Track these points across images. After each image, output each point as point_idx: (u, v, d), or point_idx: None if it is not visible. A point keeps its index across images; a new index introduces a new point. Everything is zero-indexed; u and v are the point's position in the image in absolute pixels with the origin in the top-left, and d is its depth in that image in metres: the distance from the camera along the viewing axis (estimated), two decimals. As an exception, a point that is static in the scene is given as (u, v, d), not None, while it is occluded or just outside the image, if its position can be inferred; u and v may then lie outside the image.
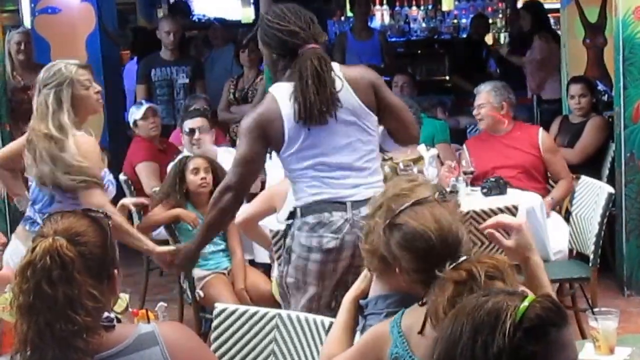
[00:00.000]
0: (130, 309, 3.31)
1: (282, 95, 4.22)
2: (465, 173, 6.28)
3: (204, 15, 13.58)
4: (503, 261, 2.63)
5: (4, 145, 7.12)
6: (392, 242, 2.77)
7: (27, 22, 9.97)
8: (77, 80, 4.55)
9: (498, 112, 6.54)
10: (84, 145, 4.54)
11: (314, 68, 4.17)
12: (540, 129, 6.81)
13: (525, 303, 1.95)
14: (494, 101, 6.54)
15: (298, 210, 4.32)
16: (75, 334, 2.41)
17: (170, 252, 4.58)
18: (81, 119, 4.61)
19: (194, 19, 13.24)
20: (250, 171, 4.35)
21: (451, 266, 2.62)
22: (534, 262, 2.90)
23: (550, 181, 6.67)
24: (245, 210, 5.57)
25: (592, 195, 5.95)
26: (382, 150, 6.65)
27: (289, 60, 4.24)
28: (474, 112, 6.62)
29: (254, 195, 5.73)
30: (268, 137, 4.26)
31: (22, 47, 7.97)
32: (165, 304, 3.74)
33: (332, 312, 4.11)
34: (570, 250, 6.16)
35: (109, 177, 4.77)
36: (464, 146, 6.89)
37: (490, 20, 12.64)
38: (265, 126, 4.23)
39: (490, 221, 3.04)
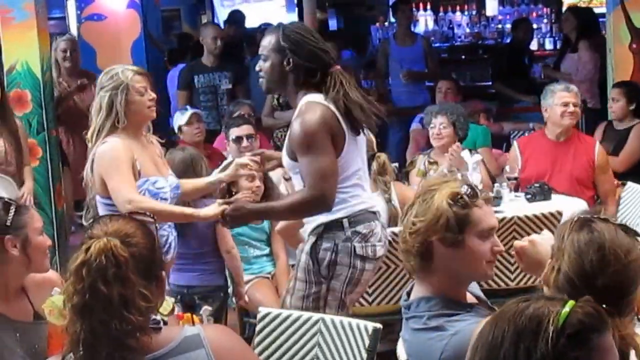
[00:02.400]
0: (175, 312, 3.34)
1: (328, 104, 4.21)
2: (509, 179, 6.26)
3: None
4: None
5: (50, 151, 7.21)
6: (572, 237, 2.58)
7: (73, 29, 10.10)
8: (132, 86, 4.58)
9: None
10: (99, 151, 4.54)
11: (349, 85, 4.25)
12: (597, 142, 6.75)
13: (567, 308, 1.94)
14: (578, 102, 6.54)
15: (345, 221, 4.25)
16: (128, 333, 2.45)
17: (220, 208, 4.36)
18: (133, 125, 4.62)
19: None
20: (336, 179, 4.23)
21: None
22: None
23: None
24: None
25: (638, 201, 5.91)
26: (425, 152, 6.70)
27: (315, 75, 4.25)
28: (570, 110, 6.51)
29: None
30: (333, 142, 4.21)
31: (68, 54, 8.05)
32: (210, 308, 3.77)
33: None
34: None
35: (158, 183, 4.62)
36: (515, 144, 6.85)
37: (535, 26, 12.56)
38: (331, 129, 4.19)
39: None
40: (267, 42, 4.36)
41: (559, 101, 6.49)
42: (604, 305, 2.24)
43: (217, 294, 5.54)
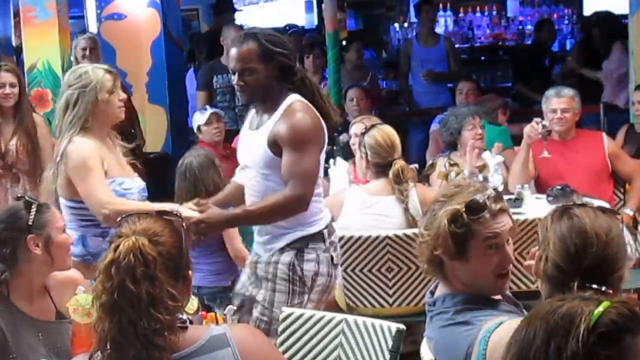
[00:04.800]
0: (200, 311, 3.34)
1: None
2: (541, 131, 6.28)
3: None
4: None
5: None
6: (555, 227, 2.68)
7: (92, 28, 10.10)
8: (102, 86, 4.45)
9: (576, 118, 6.54)
10: (69, 152, 4.41)
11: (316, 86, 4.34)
12: (604, 134, 6.76)
13: (600, 308, 1.94)
14: (576, 107, 6.53)
15: (325, 232, 4.30)
16: (157, 332, 2.45)
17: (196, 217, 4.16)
18: (100, 125, 4.49)
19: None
20: (315, 184, 4.27)
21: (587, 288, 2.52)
22: None
23: (617, 192, 6.59)
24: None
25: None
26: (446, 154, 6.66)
27: (285, 79, 4.23)
28: (557, 116, 6.53)
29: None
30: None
31: (87, 52, 8.01)
32: (234, 307, 3.77)
33: None
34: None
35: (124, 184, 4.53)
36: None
37: (556, 27, 12.50)
38: (321, 132, 4.23)
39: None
40: (247, 53, 4.19)
41: (549, 107, 6.57)
42: (594, 285, 2.48)
43: (226, 294, 5.48)
